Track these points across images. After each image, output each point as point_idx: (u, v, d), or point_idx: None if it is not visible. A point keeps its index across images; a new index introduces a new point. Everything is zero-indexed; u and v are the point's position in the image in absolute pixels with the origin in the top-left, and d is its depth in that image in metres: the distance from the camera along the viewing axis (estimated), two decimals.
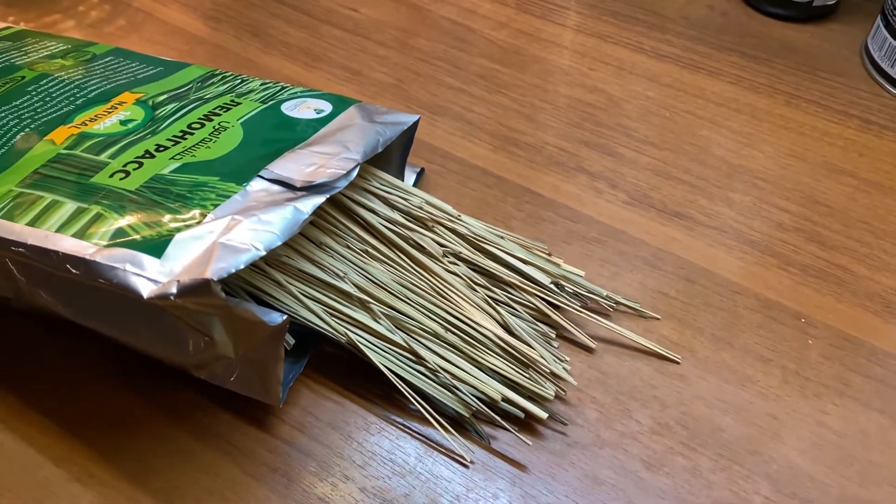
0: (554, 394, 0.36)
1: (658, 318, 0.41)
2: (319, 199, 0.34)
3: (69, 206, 0.34)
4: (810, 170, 0.49)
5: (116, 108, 0.41)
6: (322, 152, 0.37)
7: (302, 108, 0.42)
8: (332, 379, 0.38)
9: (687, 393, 0.38)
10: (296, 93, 0.43)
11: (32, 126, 0.39)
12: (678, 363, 0.39)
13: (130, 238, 0.32)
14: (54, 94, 0.41)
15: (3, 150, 0.38)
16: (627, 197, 0.47)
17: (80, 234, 0.32)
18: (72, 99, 0.41)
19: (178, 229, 0.32)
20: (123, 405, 0.37)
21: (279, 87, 0.44)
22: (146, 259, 0.31)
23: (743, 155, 0.49)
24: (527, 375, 0.36)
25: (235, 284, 0.36)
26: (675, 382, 0.38)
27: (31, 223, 0.33)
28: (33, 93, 0.42)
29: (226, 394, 0.36)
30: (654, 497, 0.34)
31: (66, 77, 0.43)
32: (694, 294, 0.42)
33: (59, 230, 0.32)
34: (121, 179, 0.35)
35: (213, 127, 0.39)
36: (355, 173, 0.37)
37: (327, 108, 0.42)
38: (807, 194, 0.47)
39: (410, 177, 0.46)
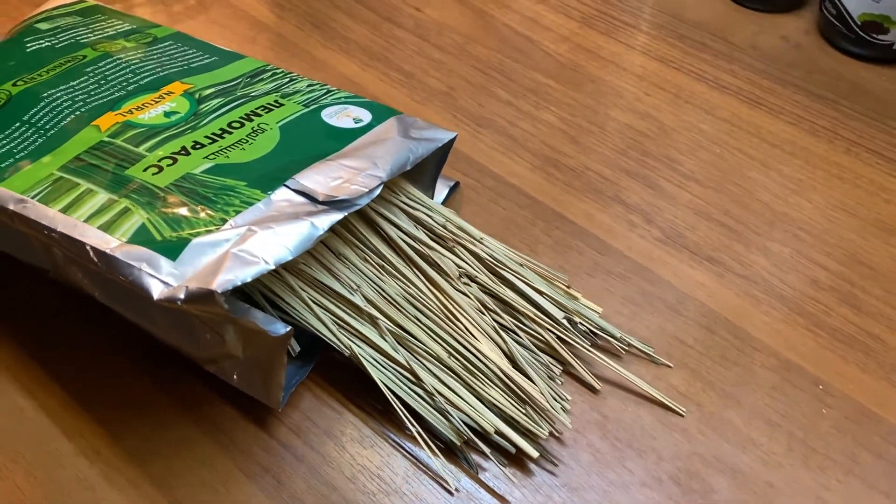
0: (548, 433, 0.36)
1: (670, 366, 0.40)
2: (337, 217, 0.35)
3: (101, 197, 0.35)
4: (859, 226, 0.47)
5: (164, 97, 0.42)
6: (350, 166, 0.38)
7: (342, 116, 0.42)
8: (336, 387, 0.39)
9: (685, 448, 0.37)
10: (339, 98, 0.44)
11: (83, 109, 0.41)
12: (682, 416, 0.38)
13: (151, 237, 0.33)
14: (109, 78, 0.43)
15: (53, 131, 0.39)
16: (661, 234, 0.46)
17: (106, 227, 0.34)
18: (124, 84, 0.43)
19: (197, 234, 0.33)
20: (139, 389, 0.38)
21: (324, 91, 0.44)
22: (162, 261, 0.32)
23: (789, 202, 0.48)
24: (523, 411, 0.37)
25: (251, 285, 0.37)
26: (676, 435, 0.38)
27: (64, 210, 0.35)
28: (91, 74, 0.43)
29: (234, 390, 0.37)
30: None
31: (123, 60, 0.45)
32: (711, 345, 0.41)
33: (87, 220, 0.34)
34: (153, 175, 0.36)
35: (252, 128, 0.40)
36: (378, 191, 0.37)
37: (367, 117, 0.42)
38: (850, 252, 0.45)
39: (443, 190, 0.46)
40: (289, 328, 0.33)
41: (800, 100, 0.54)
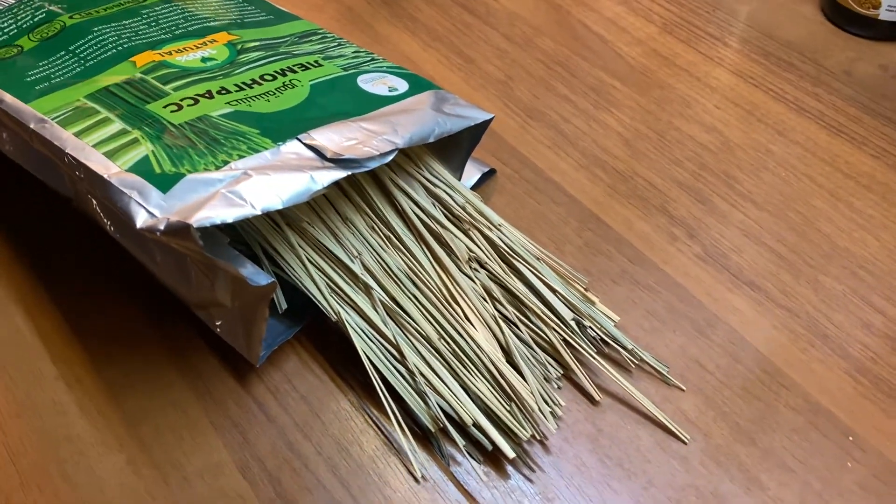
0: (530, 435, 0.34)
1: (683, 390, 0.37)
2: (339, 174, 0.34)
3: (115, 126, 0.35)
4: None
5: (206, 44, 0.42)
6: (368, 129, 0.37)
7: (377, 83, 0.41)
8: (324, 354, 0.37)
9: (682, 478, 0.34)
10: (381, 66, 0.43)
11: (126, 45, 0.41)
12: (685, 443, 0.35)
13: (150, 168, 0.33)
14: (160, 21, 0.44)
15: (92, 63, 0.40)
16: (702, 251, 0.42)
17: (111, 154, 0.34)
18: (173, 28, 0.43)
19: (196, 170, 0.33)
20: (132, 325, 0.38)
21: (369, 58, 0.43)
22: (153, 192, 0.32)
23: (854, 238, 0.43)
24: (507, 408, 0.34)
25: (251, 237, 0.37)
26: (673, 463, 0.34)
27: (78, 134, 0.35)
28: (144, 15, 0.44)
29: (222, 342, 0.36)
30: None
31: (181, 6, 0.45)
32: (734, 374, 0.37)
33: (96, 145, 0.34)
34: (171, 112, 0.36)
35: (283, 83, 0.39)
36: (391, 157, 0.36)
37: (403, 87, 0.41)
38: None
39: (475, 174, 0.44)
40: (272, 280, 0.32)
41: (888, 133, 0.49)
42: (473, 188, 0.44)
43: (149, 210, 0.31)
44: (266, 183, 0.32)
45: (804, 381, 0.37)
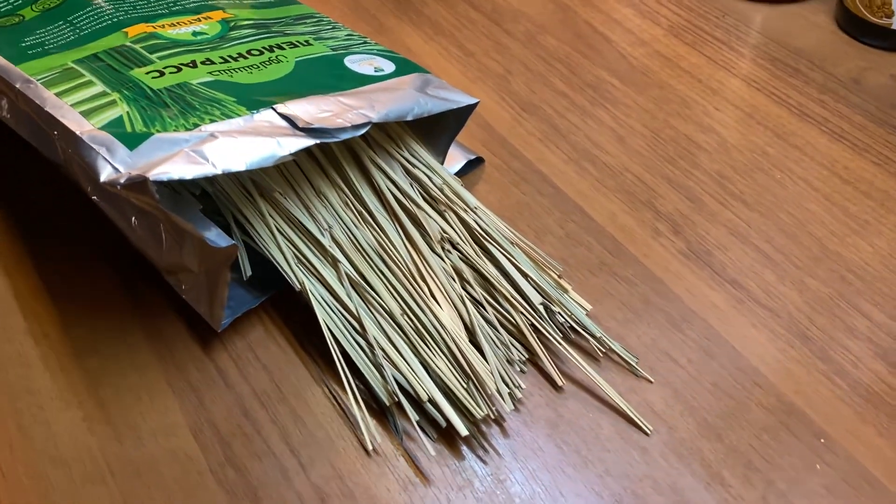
0: (485, 414, 0.33)
1: (651, 382, 0.36)
2: (307, 142, 0.34)
3: (97, 89, 0.36)
4: None
5: (200, 20, 0.43)
6: (345, 103, 0.37)
7: (364, 64, 0.41)
8: (290, 326, 0.37)
9: (640, 469, 0.33)
10: (371, 49, 0.43)
11: (122, 18, 0.42)
12: (647, 434, 0.34)
13: (122, 128, 0.33)
14: None
15: (87, 32, 0.41)
16: (686, 247, 0.41)
17: (87, 114, 0.34)
18: (170, 4, 0.44)
19: (166, 130, 0.33)
20: (105, 289, 0.39)
21: (361, 41, 0.44)
22: (120, 149, 0.32)
23: (846, 242, 0.42)
24: (465, 387, 0.34)
25: (224, 204, 0.37)
26: (633, 453, 0.33)
27: (59, 94, 0.35)
28: None
29: (190, 309, 0.36)
30: None
31: None
32: (706, 370, 0.36)
33: (74, 105, 0.35)
34: (152, 78, 0.37)
35: (269, 58, 0.40)
36: (363, 130, 0.36)
37: (389, 68, 0.41)
38: None
39: (460, 160, 0.44)
40: (232, 243, 0.32)
41: (893, 141, 0.48)
42: (458, 174, 0.44)
43: (114, 165, 0.32)
44: (231, 145, 0.32)
45: (779, 381, 0.36)
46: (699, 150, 0.47)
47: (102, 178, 0.31)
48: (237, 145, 0.32)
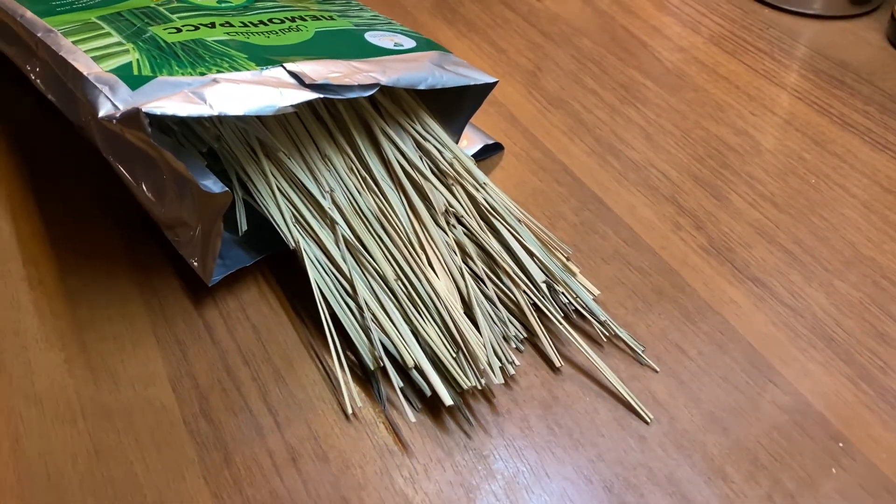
0: (473, 385, 0.31)
1: (656, 371, 0.34)
2: (310, 96, 0.33)
3: (113, 39, 0.36)
4: None
5: None
6: (357, 67, 0.36)
7: (384, 38, 0.41)
8: (286, 289, 0.36)
9: (635, 457, 0.30)
10: (395, 28, 0.42)
11: None
12: (647, 423, 0.32)
13: (129, 71, 0.33)
14: None
15: None
16: (707, 243, 0.39)
17: (98, 59, 0.34)
18: None
19: (171, 75, 0.33)
20: (107, 242, 0.38)
21: (386, 22, 0.43)
22: (123, 88, 0.32)
23: (883, 249, 0.39)
24: (454, 355, 0.32)
25: (228, 161, 0.36)
26: (630, 441, 0.31)
27: (76, 42, 0.36)
28: None
29: (186, 265, 0.36)
30: None
31: None
32: (717, 364, 0.34)
33: (88, 51, 0.35)
34: (169, 33, 0.37)
35: (289, 27, 0.40)
36: (370, 92, 0.35)
37: (409, 44, 0.41)
38: None
39: (478, 143, 0.43)
40: (225, 190, 0.32)
41: None
42: (475, 158, 0.43)
43: (114, 103, 0.31)
44: (233, 90, 0.32)
45: (797, 380, 0.33)
46: (730, 152, 0.45)
47: (101, 113, 0.31)
48: (238, 91, 0.32)
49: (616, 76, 0.51)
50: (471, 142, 0.43)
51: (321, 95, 0.34)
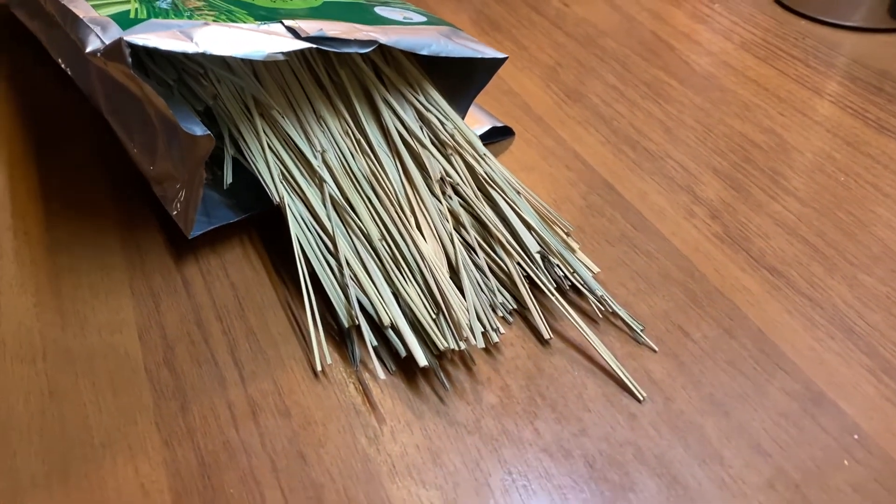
0: (449, 347, 0.29)
1: (654, 351, 0.31)
2: (301, 45, 0.32)
3: None
4: None
5: None
6: (358, 28, 0.35)
7: (394, 12, 0.40)
8: (270, 250, 0.35)
9: (623, 434, 0.28)
10: (408, 7, 0.42)
11: None
12: (639, 401, 0.29)
13: (125, 16, 0.33)
14: None
15: None
16: (722, 232, 0.37)
17: (98, 7, 0.34)
18: None
19: (166, 17, 0.32)
20: (97, 198, 0.38)
21: (399, 1, 0.43)
22: (114, 27, 0.32)
23: None
24: (433, 317, 0.30)
25: (222, 120, 0.36)
26: (619, 417, 0.28)
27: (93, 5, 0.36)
28: None
29: (173, 223, 0.35)
30: None
31: None
32: (723, 348, 0.31)
33: (93, 4, 0.35)
34: None
35: None
36: (367, 49, 0.34)
37: (419, 20, 0.40)
38: None
39: (486, 124, 0.42)
40: (207, 133, 0.31)
41: None
42: (482, 139, 0.41)
43: (103, 40, 0.31)
44: (222, 32, 0.31)
45: (810, 369, 0.30)
46: (754, 148, 0.43)
47: (88, 48, 0.31)
48: (228, 34, 0.31)
49: (639, 74, 0.49)
50: (479, 123, 0.42)
51: (315, 46, 0.33)
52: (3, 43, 0.50)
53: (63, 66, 0.43)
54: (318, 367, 0.29)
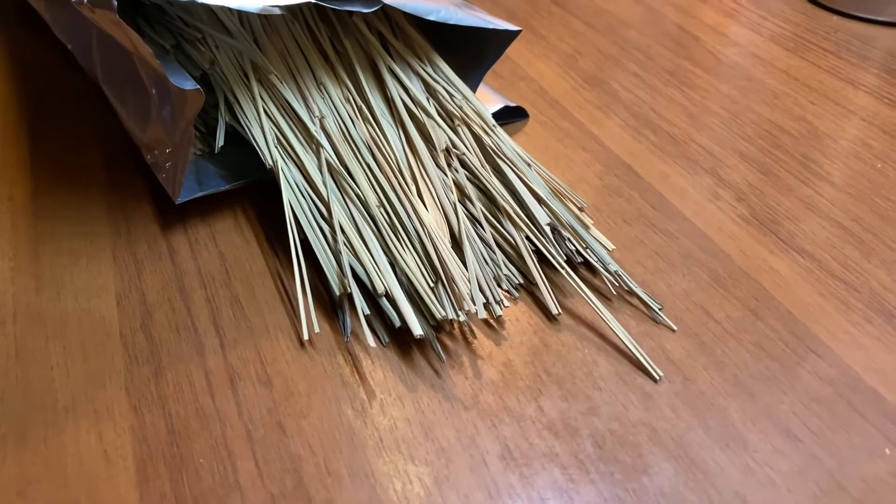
0: (447, 316, 0.27)
1: (673, 330, 0.28)
2: (293, 0, 0.30)
3: None
4: None
5: None
6: None
7: None
8: (262, 222, 0.33)
9: (637, 414, 0.25)
10: None
11: None
12: (655, 380, 0.26)
13: None
14: None
15: None
16: (749, 213, 0.34)
17: None
18: None
19: None
20: (88, 169, 0.36)
21: None
22: None
23: None
24: (431, 285, 0.28)
25: (219, 85, 0.34)
26: (631, 397, 0.26)
27: None
28: None
29: (164, 193, 0.33)
30: (478, 490, 0.23)
31: None
32: (748, 329, 0.28)
33: None
34: None
35: None
36: (370, 8, 0.32)
37: None
38: None
39: (497, 103, 0.40)
40: (196, 87, 0.29)
41: None
42: (494, 118, 0.39)
43: None
44: None
45: (846, 353, 0.28)
46: (783, 134, 0.40)
47: None
48: None
49: (662, 63, 0.47)
50: (491, 102, 0.40)
51: (314, 1, 0.31)
52: (10, 24, 0.49)
53: (66, 43, 0.42)
54: (305, 336, 0.27)
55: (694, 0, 0.55)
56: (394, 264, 0.29)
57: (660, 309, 0.29)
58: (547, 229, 0.30)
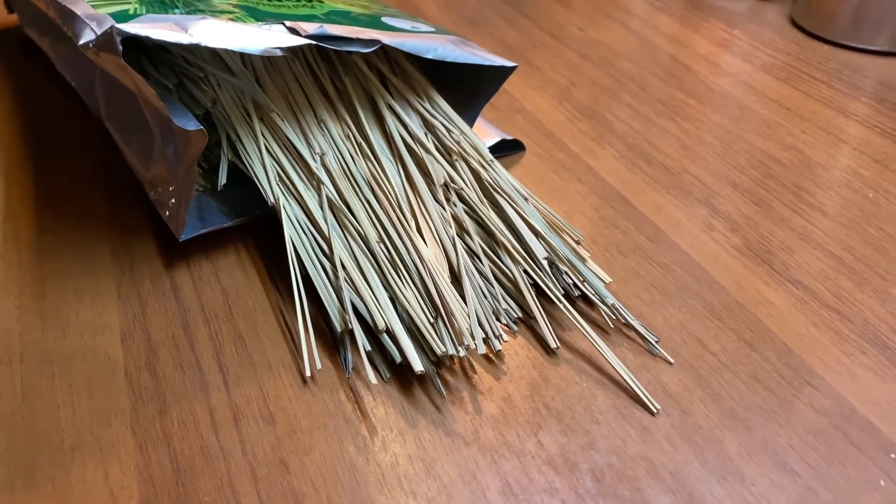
0: (447, 352, 0.27)
1: (670, 363, 0.29)
2: (296, 41, 0.31)
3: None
4: None
5: None
6: (361, 30, 0.34)
7: (402, 23, 0.39)
8: (265, 258, 0.33)
9: (635, 448, 0.26)
10: (417, 19, 0.41)
11: None
12: (653, 414, 0.27)
13: (123, 14, 0.32)
14: None
15: None
16: (743, 244, 0.35)
17: (97, 6, 0.33)
18: None
19: (163, 12, 0.32)
20: (92, 203, 0.37)
21: (410, 17, 0.42)
22: (108, 21, 0.31)
23: None
24: (431, 321, 0.28)
25: (221, 124, 0.35)
26: (630, 430, 0.26)
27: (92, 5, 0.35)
28: None
29: (167, 229, 0.34)
30: None
31: None
32: (744, 361, 0.29)
33: (90, 3, 0.34)
34: None
35: (304, 4, 0.39)
36: (369, 49, 0.33)
37: (426, 29, 0.39)
38: None
39: (494, 137, 0.40)
40: (199, 128, 0.30)
41: None
42: (491, 151, 0.40)
43: (97, 33, 0.30)
44: (218, 26, 0.30)
45: (841, 385, 0.28)
46: (775, 164, 0.41)
47: (81, 41, 0.30)
48: (224, 27, 0.30)
49: (656, 93, 0.48)
50: (488, 136, 0.40)
51: (315, 42, 0.32)
52: (15, 60, 0.50)
53: (69, 80, 0.43)
54: (308, 373, 0.28)
55: (686, 30, 0.56)
56: (394, 300, 0.29)
57: (656, 341, 0.30)
58: (545, 263, 0.31)
